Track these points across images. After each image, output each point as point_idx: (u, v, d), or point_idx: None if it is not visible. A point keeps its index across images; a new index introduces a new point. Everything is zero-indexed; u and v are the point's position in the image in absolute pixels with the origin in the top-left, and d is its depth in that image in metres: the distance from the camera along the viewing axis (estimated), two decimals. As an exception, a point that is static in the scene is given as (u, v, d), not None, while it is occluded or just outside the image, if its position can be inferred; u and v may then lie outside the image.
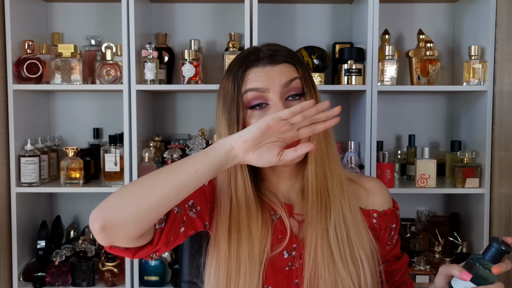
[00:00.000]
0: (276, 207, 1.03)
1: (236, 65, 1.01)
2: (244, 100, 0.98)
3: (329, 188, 1.01)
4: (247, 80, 0.98)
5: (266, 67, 0.98)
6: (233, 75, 1.00)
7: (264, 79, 0.97)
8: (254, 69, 0.99)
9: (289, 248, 1.02)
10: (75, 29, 2.15)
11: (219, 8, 2.16)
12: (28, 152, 1.87)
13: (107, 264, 1.88)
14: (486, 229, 1.87)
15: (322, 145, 1.01)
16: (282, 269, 1.01)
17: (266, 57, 0.99)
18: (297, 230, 1.04)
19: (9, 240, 1.88)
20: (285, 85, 0.97)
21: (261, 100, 0.98)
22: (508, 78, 1.82)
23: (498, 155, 1.84)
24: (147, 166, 1.88)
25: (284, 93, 0.98)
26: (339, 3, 2.15)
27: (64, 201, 2.20)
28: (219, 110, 1.02)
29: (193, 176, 0.85)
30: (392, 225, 1.09)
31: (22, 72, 1.85)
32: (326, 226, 0.99)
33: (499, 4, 1.82)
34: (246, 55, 1.01)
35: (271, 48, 1.02)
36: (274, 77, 0.97)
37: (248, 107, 0.98)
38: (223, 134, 0.99)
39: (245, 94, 0.98)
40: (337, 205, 1.00)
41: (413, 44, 2.12)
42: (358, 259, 0.99)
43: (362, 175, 1.21)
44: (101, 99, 2.18)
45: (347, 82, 1.89)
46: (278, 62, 0.99)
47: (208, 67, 2.15)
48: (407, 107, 2.19)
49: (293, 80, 0.98)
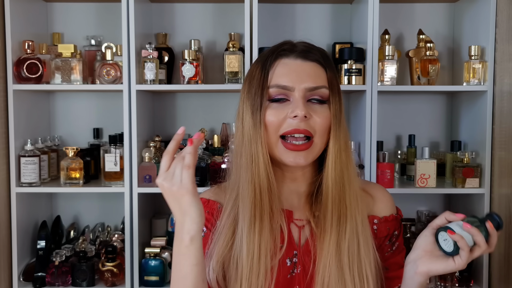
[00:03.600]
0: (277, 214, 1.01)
1: (268, 53, 1.02)
2: (268, 93, 0.98)
3: (346, 199, 0.99)
4: (275, 72, 0.99)
5: (297, 60, 0.99)
6: (263, 61, 1.01)
7: (292, 77, 0.97)
8: (285, 59, 1.00)
9: (290, 256, 1.01)
10: (75, 29, 2.15)
11: (219, 8, 2.16)
12: (28, 152, 1.87)
13: (107, 264, 1.88)
14: (486, 229, 1.87)
15: (343, 155, 1.00)
16: (284, 277, 1.00)
17: (299, 51, 1.00)
18: (297, 236, 1.02)
19: (9, 240, 1.88)
20: (310, 89, 0.98)
21: (283, 96, 0.98)
22: (508, 78, 1.82)
23: (498, 155, 1.85)
24: (147, 166, 1.88)
25: (308, 95, 0.98)
26: (339, 3, 2.15)
27: (64, 201, 2.20)
28: (243, 95, 1.02)
29: (191, 268, 0.91)
30: (394, 231, 1.08)
31: (22, 72, 1.85)
32: (339, 239, 0.98)
33: (499, 4, 1.82)
34: (280, 45, 1.03)
35: (306, 45, 1.03)
36: (302, 76, 0.98)
37: (269, 99, 0.99)
38: (246, 119, 0.99)
39: (270, 88, 0.98)
40: (353, 217, 0.99)
41: (413, 44, 2.12)
42: (364, 276, 0.98)
43: (367, 181, 1.19)
44: (101, 99, 2.18)
45: (347, 82, 1.89)
46: (310, 59, 1.00)
47: (208, 67, 2.15)
48: (407, 107, 2.19)
49: (320, 88, 0.98)
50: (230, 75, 1.88)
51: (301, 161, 0.97)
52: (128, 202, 1.87)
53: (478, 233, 0.92)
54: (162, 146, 2.05)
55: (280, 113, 0.97)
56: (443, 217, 0.96)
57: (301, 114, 0.95)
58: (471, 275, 1.91)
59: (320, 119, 0.97)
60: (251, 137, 0.98)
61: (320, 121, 0.97)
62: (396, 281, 1.07)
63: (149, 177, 1.87)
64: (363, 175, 1.88)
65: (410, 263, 0.98)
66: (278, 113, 0.97)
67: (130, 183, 1.87)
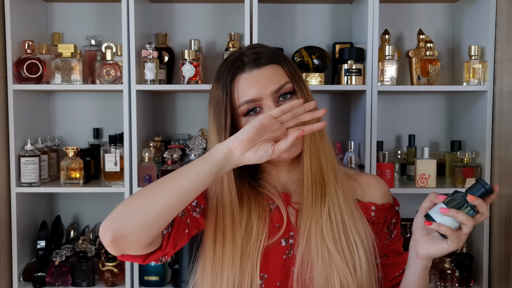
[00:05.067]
0: (273, 197, 1.05)
1: (224, 73, 1.04)
2: (240, 111, 1.02)
3: (324, 175, 1.03)
4: (238, 90, 1.02)
5: (253, 71, 1.02)
6: (222, 83, 1.04)
7: (255, 87, 1.00)
8: (242, 75, 1.02)
9: (286, 236, 1.04)
10: (75, 29, 2.15)
11: (219, 8, 2.16)
12: (28, 152, 1.87)
13: (107, 264, 1.88)
14: (486, 229, 1.87)
15: (316, 134, 1.03)
16: (280, 258, 1.02)
17: (251, 62, 1.02)
18: (294, 218, 1.05)
19: (9, 240, 1.88)
20: (276, 91, 1.01)
21: (255, 106, 1.01)
22: (508, 78, 1.82)
23: (498, 155, 1.84)
24: (147, 166, 1.88)
25: (276, 97, 1.01)
26: (339, 3, 2.15)
27: (64, 201, 2.20)
28: (210, 118, 1.07)
29: (195, 181, 0.88)
30: (392, 219, 1.11)
31: (22, 72, 1.85)
32: (320, 213, 1.01)
33: (499, 4, 1.82)
34: (231, 63, 1.04)
35: (254, 51, 1.04)
36: (263, 82, 1.00)
37: (243, 115, 1.02)
38: (213, 140, 1.05)
39: (240, 107, 1.01)
40: (332, 190, 1.03)
41: (413, 44, 2.12)
42: (352, 241, 1.00)
43: (360, 172, 1.22)
44: (101, 99, 2.18)
45: (347, 82, 1.89)
46: (264, 64, 1.02)
47: (208, 67, 2.15)
48: (407, 107, 2.19)
49: (284, 86, 1.01)
50: (230, 75, 1.87)
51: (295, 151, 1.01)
52: (128, 202, 1.87)
53: (458, 214, 0.90)
54: (162, 146, 2.05)
55: None
56: (428, 200, 0.96)
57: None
58: (471, 275, 1.91)
59: None
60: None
61: None
62: (396, 267, 1.10)
63: (149, 177, 1.87)
64: (363, 175, 1.88)
65: (411, 248, 1.00)
66: None
67: (130, 183, 1.87)
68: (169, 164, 1.85)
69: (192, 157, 1.87)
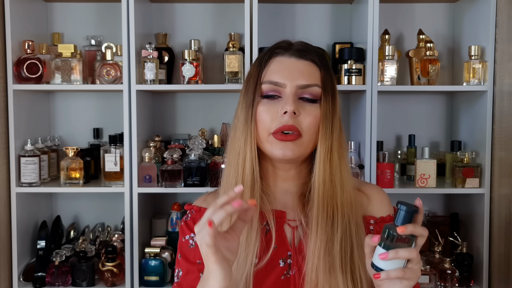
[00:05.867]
0: (268, 215, 1.00)
1: (266, 52, 1.04)
2: (261, 89, 1.00)
3: (338, 200, 0.98)
4: (269, 68, 1.01)
5: (292, 58, 1.01)
6: (259, 60, 1.03)
7: (284, 74, 0.99)
8: (280, 57, 1.02)
9: (284, 256, 1.00)
10: (75, 29, 2.15)
11: (219, 8, 2.16)
12: (28, 152, 1.87)
13: (107, 264, 1.88)
14: (486, 229, 1.87)
15: (335, 155, 0.99)
16: (278, 279, 0.99)
17: (294, 50, 1.02)
18: (291, 236, 1.01)
19: (9, 240, 1.88)
20: (302, 87, 0.99)
21: (275, 92, 1.00)
22: (508, 78, 1.82)
23: (498, 155, 1.84)
24: (147, 166, 1.88)
25: (299, 93, 0.99)
26: (339, 3, 2.15)
27: (64, 201, 2.20)
28: (242, 93, 1.04)
29: None
30: None
31: (22, 72, 1.85)
32: (331, 237, 0.96)
33: (499, 4, 1.82)
34: (277, 44, 1.05)
35: (303, 44, 1.05)
36: (294, 73, 0.99)
37: (261, 95, 1.00)
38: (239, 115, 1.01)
39: (263, 84, 1.00)
40: (346, 219, 0.97)
41: (413, 44, 2.12)
42: (358, 278, 0.95)
43: (364, 182, 1.18)
44: (101, 99, 2.18)
45: (347, 82, 1.89)
46: (305, 58, 1.01)
47: (208, 67, 2.15)
48: (407, 107, 2.19)
49: (312, 86, 0.99)
50: (230, 75, 1.88)
51: (288, 153, 0.97)
52: (128, 202, 1.87)
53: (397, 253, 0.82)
54: (162, 146, 2.05)
55: (271, 109, 0.98)
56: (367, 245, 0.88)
57: (290, 110, 0.96)
58: (471, 275, 1.91)
59: (309, 118, 0.98)
60: (241, 132, 1.00)
61: (308, 119, 0.98)
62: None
63: (149, 177, 1.87)
64: (363, 175, 1.88)
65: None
66: (270, 109, 0.99)
67: (130, 183, 1.87)
68: (169, 164, 1.85)
69: (192, 157, 1.87)
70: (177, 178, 1.85)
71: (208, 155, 1.94)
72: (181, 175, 1.86)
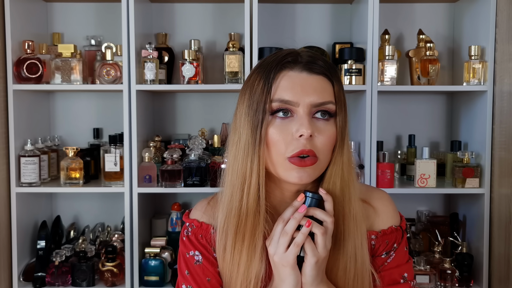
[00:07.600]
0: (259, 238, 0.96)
1: (271, 63, 0.94)
2: (269, 107, 0.92)
3: (345, 219, 0.95)
4: (279, 85, 0.92)
5: (302, 73, 0.93)
6: (266, 73, 0.93)
7: (297, 91, 0.91)
8: (289, 72, 0.93)
9: None
10: (75, 29, 2.15)
11: (219, 8, 2.16)
12: (28, 152, 1.87)
13: (107, 264, 1.88)
14: (486, 229, 1.87)
15: (345, 172, 0.96)
16: None
17: (304, 63, 0.93)
18: None
19: (9, 240, 1.88)
20: (316, 105, 0.92)
21: (287, 111, 0.92)
22: (508, 78, 1.82)
23: (498, 155, 1.84)
24: (147, 166, 1.88)
25: (313, 111, 0.92)
26: (339, 3, 2.15)
27: (64, 201, 2.20)
28: (242, 107, 0.96)
29: None
30: (394, 244, 1.02)
31: (22, 72, 1.85)
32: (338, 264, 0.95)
33: (499, 4, 1.82)
34: (283, 56, 0.95)
35: (311, 55, 0.95)
36: (307, 90, 0.91)
37: (271, 112, 0.92)
38: (243, 136, 0.94)
39: (273, 102, 0.91)
40: (352, 239, 0.95)
41: (413, 44, 2.12)
42: None
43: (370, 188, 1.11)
44: (101, 99, 2.18)
45: (347, 82, 1.89)
46: (316, 72, 0.93)
47: (208, 67, 2.15)
48: (407, 107, 2.19)
49: (327, 104, 0.92)
50: (230, 75, 1.88)
51: (305, 178, 0.92)
52: (128, 202, 1.87)
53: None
54: (162, 146, 2.05)
55: (284, 131, 0.91)
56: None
57: (307, 133, 0.89)
58: (471, 275, 1.91)
59: (325, 138, 0.92)
60: (247, 154, 0.93)
61: (324, 140, 0.92)
62: None
63: (149, 177, 1.87)
64: (363, 175, 1.88)
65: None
66: (283, 131, 0.91)
67: (130, 183, 1.87)
68: (169, 164, 1.86)
69: (192, 157, 1.87)
70: (177, 178, 1.85)
71: (208, 155, 1.94)
72: (181, 175, 1.86)
